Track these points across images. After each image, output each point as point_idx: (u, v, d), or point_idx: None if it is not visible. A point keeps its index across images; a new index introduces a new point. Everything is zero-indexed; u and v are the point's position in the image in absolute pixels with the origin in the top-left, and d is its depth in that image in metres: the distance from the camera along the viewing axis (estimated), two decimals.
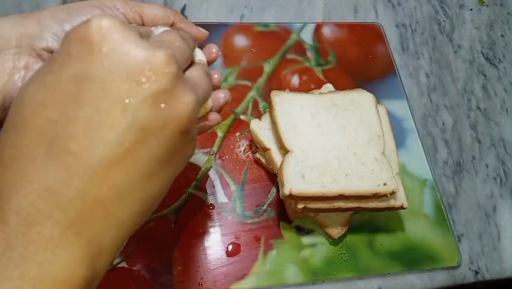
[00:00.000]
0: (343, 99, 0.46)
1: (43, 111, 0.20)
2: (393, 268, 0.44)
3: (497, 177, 0.53)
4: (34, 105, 0.20)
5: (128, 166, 0.20)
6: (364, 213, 0.45)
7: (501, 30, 0.66)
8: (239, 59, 0.53)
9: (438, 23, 0.64)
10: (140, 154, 0.21)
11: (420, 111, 0.56)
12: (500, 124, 0.57)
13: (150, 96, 0.20)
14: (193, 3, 0.58)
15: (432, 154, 0.53)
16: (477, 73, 0.61)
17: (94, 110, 0.20)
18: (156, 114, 0.21)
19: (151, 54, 0.20)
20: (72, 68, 0.20)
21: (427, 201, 0.48)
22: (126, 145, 0.20)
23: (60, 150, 0.20)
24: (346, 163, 0.42)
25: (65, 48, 0.21)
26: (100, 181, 0.20)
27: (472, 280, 0.46)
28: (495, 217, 0.50)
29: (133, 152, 0.20)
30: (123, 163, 0.20)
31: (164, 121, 0.21)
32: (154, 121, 0.21)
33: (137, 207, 0.22)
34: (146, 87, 0.20)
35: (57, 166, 0.19)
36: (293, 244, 0.43)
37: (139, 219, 0.22)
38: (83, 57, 0.20)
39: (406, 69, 0.59)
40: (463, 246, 0.48)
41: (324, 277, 0.43)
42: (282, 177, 0.40)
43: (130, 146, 0.20)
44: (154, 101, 0.20)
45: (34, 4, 0.54)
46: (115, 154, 0.20)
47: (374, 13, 0.63)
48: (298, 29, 0.58)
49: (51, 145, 0.20)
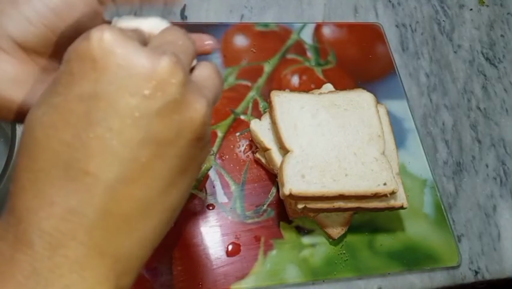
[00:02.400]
0: (343, 99, 0.46)
1: (55, 134, 0.20)
2: (393, 268, 0.44)
3: (497, 177, 0.53)
4: (45, 128, 0.20)
5: (147, 180, 0.20)
6: (364, 213, 0.45)
7: (501, 30, 0.66)
8: (239, 59, 0.53)
9: (438, 23, 0.64)
10: (157, 167, 0.20)
11: (420, 111, 0.56)
12: (500, 124, 0.57)
13: (160, 108, 0.20)
14: (193, 3, 0.58)
15: (432, 154, 0.53)
16: (477, 73, 0.61)
17: (105, 129, 0.19)
18: (169, 126, 0.20)
19: (156, 64, 0.20)
20: (78, 88, 0.20)
21: (427, 201, 0.48)
22: (142, 160, 0.20)
23: (77, 171, 0.19)
24: (346, 163, 0.42)
25: (67, 67, 0.20)
26: (121, 198, 0.20)
27: (472, 280, 0.46)
28: (495, 217, 0.51)
29: (150, 166, 0.20)
30: (142, 178, 0.20)
31: (178, 132, 0.21)
32: (167, 133, 0.20)
33: (159, 219, 0.22)
34: (155, 100, 0.20)
35: (76, 187, 0.19)
36: (293, 244, 0.43)
37: (162, 231, 0.22)
38: (87, 76, 0.20)
39: (406, 69, 0.59)
40: (463, 246, 0.48)
41: (324, 277, 0.43)
42: (282, 177, 0.40)
43: (147, 160, 0.20)
44: (165, 113, 0.20)
45: None
46: (132, 170, 0.20)
47: (374, 13, 0.63)
48: (298, 29, 0.58)
49: (67, 167, 0.19)
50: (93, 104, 0.20)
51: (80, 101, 0.20)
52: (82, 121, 0.20)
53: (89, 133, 0.19)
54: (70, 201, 0.19)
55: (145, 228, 0.21)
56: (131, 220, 0.20)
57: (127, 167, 0.20)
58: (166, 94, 0.20)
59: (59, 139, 0.20)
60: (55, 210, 0.19)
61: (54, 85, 0.20)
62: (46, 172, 0.20)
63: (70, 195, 0.19)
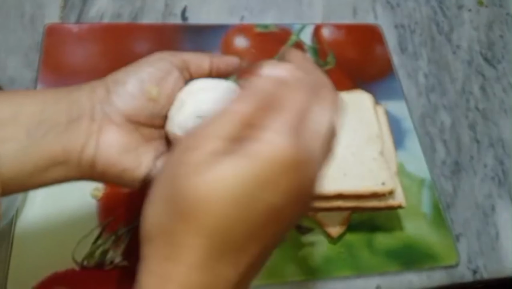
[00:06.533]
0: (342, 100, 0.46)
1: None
2: (391, 266, 0.44)
3: (495, 176, 0.53)
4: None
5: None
6: (363, 212, 0.46)
7: (500, 31, 0.66)
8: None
9: (436, 24, 0.64)
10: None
11: (418, 112, 0.56)
12: (498, 125, 0.57)
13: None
14: (193, 4, 0.58)
15: (431, 154, 0.53)
16: (475, 74, 0.61)
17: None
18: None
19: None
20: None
21: (426, 201, 0.49)
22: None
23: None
24: (345, 162, 0.42)
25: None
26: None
27: (470, 279, 0.47)
28: (494, 217, 0.51)
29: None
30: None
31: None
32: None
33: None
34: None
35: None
36: (292, 243, 0.44)
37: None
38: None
39: (404, 70, 0.59)
40: (462, 245, 0.48)
41: (323, 275, 0.43)
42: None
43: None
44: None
45: (35, 5, 0.54)
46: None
47: (373, 14, 0.63)
48: (297, 30, 0.58)
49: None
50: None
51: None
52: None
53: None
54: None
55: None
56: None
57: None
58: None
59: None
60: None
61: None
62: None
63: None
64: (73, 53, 0.51)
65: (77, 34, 0.52)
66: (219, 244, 0.20)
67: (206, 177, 0.19)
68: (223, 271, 0.20)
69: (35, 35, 0.52)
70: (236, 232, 0.20)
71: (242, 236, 0.20)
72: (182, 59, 0.30)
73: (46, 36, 0.51)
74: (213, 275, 0.20)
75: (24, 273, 0.38)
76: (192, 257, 0.20)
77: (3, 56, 0.50)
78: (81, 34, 0.52)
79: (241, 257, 0.20)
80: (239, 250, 0.20)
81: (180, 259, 0.20)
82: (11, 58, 0.50)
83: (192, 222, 0.19)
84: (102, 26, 0.54)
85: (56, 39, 0.51)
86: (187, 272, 0.20)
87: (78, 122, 0.26)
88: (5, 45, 0.51)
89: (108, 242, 0.41)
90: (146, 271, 0.21)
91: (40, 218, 0.41)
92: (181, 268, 0.20)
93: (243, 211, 0.19)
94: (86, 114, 0.27)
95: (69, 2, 0.56)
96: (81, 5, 0.56)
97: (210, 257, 0.20)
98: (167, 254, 0.20)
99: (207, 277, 0.20)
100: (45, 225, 0.41)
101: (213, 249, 0.20)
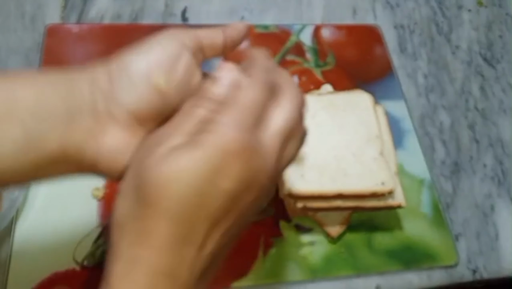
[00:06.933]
0: (342, 100, 0.46)
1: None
2: (391, 266, 0.45)
3: (495, 176, 0.54)
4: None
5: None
6: (362, 212, 0.46)
7: (499, 31, 0.66)
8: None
9: (436, 24, 0.65)
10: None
11: (418, 112, 0.56)
12: (498, 125, 0.58)
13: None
14: (193, 5, 0.59)
15: (430, 154, 0.53)
16: (475, 74, 0.61)
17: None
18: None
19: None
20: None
21: (425, 200, 0.49)
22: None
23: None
24: (345, 162, 0.42)
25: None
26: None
27: (470, 279, 0.47)
28: (493, 217, 0.51)
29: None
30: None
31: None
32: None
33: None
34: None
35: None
36: (292, 243, 0.44)
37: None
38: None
39: (404, 70, 0.59)
40: (461, 245, 0.48)
41: (323, 275, 0.43)
42: (282, 176, 0.41)
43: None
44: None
45: (36, 5, 0.54)
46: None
47: (372, 15, 0.63)
48: (297, 30, 0.58)
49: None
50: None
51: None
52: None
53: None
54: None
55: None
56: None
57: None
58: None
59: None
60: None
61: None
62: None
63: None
64: (74, 53, 0.51)
65: (77, 35, 0.52)
66: (182, 227, 0.21)
67: (167, 166, 0.21)
68: (188, 254, 0.22)
69: (36, 36, 0.52)
70: (197, 215, 0.21)
71: (203, 219, 0.22)
72: (195, 36, 0.27)
73: (46, 37, 0.51)
74: (179, 256, 0.21)
75: (25, 273, 0.38)
76: (157, 240, 0.21)
77: (4, 56, 0.50)
78: (81, 34, 0.53)
79: (204, 240, 0.22)
80: (202, 233, 0.22)
81: (147, 243, 0.21)
82: (12, 59, 0.50)
83: (155, 206, 0.21)
84: (102, 26, 0.54)
85: (57, 40, 0.51)
86: (153, 254, 0.21)
87: (78, 118, 0.25)
88: (6, 46, 0.51)
89: None
90: (114, 257, 0.22)
91: (40, 218, 0.41)
92: (148, 251, 0.21)
93: (201, 195, 0.21)
94: (87, 108, 0.25)
95: (70, 3, 0.56)
96: (82, 5, 0.56)
97: (175, 240, 0.21)
98: (134, 239, 0.21)
99: (173, 259, 0.21)
100: (46, 225, 0.41)
101: (177, 231, 0.21)
